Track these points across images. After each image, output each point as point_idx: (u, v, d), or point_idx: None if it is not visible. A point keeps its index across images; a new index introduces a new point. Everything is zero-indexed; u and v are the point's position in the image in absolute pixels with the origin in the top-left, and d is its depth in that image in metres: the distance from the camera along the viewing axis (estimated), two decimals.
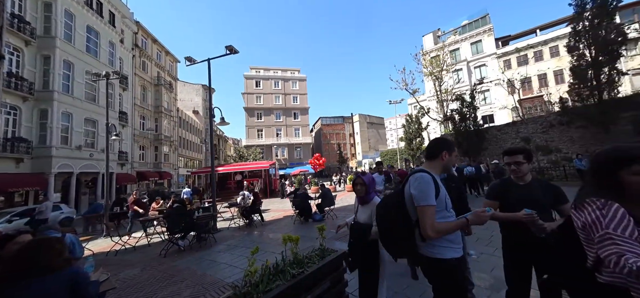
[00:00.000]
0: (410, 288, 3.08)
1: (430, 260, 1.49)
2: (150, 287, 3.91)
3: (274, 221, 8.65)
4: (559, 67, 22.81)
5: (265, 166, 19.42)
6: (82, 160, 15.89)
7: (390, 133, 68.83)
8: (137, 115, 22.86)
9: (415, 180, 1.51)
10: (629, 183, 0.95)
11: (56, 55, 14.48)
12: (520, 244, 1.76)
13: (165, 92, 26.73)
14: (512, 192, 1.81)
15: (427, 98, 27.88)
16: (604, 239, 0.93)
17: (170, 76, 29.68)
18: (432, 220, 1.40)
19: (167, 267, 4.73)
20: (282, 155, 39.88)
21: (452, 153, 1.63)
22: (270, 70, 43.48)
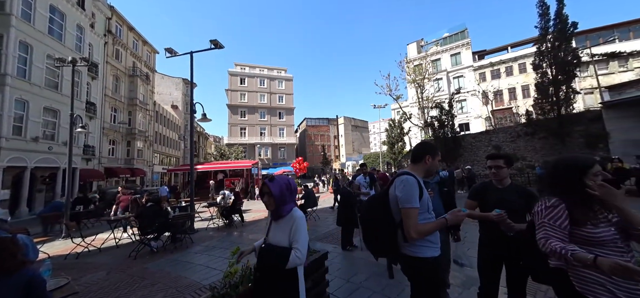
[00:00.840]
0: (388, 288, 3.16)
1: (410, 258, 1.55)
2: (117, 291, 3.61)
3: (255, 221, 8.45)
4: (526, 82, 24.90)
5: (248, 165, 18.93)
6: (38, 153, 14.32)
7: (373, 136, 70.45)
8: (107, 107, 21.15)
9: (400, 183, 1.56)
10: (589, 186, 1.13)
11: (10, 34, 12.96)
12: (493, 241, 1.91)
13: (141, 84, 25.05)
14: (490, 194, 1.97)
15: (409, 104, 28.95)
16: (539, 227, 1.18)
17: (148, 67, 27.90)
18: (415, 221, 1.46)
19: (138, 270, 4.41)
20: (265, 155, 39.15)
21: (436, 158, 1.70)
22: (256, 68, 42.60)
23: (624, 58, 20.31)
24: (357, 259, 4.31)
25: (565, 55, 12.37)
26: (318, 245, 5.34)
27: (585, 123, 12.57)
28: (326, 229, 6.59)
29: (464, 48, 28.67)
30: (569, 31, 12.41)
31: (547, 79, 12.85)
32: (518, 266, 1.83)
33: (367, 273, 3.70)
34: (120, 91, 22.87)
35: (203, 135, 51.29)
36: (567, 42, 12.47)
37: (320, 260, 2.86)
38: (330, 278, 3.46)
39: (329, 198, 13.79)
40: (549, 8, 12.93)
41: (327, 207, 10.29)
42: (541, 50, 13.15)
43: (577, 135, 12.62)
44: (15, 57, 13.18)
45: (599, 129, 12.00)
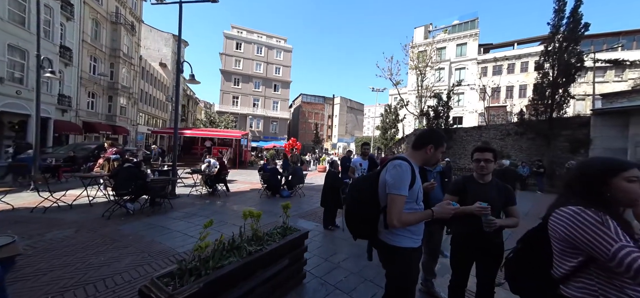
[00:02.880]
0: (366, 269, 3.13)
1: (386, 246, 1.50)
2: (84, 251, 3.41)
3: (240, 193, 8.31)
4: (525, 82, 24.89)
5: (237, 135, 18.45)
6: (4, 96, 13.09)
7: (367, 120, 70.25)
8: (85, 55, 19.42)
9: (392, 167, 1.46)
10: (621, 190, 0.94)
11: None
12: (470, 236, 1.86)
13: (125, 34, 23.02)
14: (471, 188, 1.89)
15: (408, 91, 28.55)
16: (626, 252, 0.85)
17: (133, 15, 25.47)
18: (399, 210, 1.38)
19: (110, 231, 4.21)
20: (256, 127, 38.40)
21: (438, 149, 1.56)
22: (254, 34, 40.13)
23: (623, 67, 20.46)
24: (337, 239, 4.28)
25: (570, 57, 12.18)
26: (301, 222, 5.29)
27: (572, 128, 12.81)
28: (310, 207, 6.55)
29: (471, 39, 27.92)
30: (580, 32, 12.09)
31: (548, 80, 12.75)
32: (490, 261, 1.84)
33: (346, 253, 3.66)
34: (101, 39, 20.92)
35: (193, 99, 49.25)
36: (575, 44, 12.20)
37: (300, 239, 2.74)
38: (310, 257, 3.40)
39: (315, 176, 13.78)
40: (566, 4, 12.40)
41: (315, 185, 10.26)
42: (548, 50, 12.87)
43: (563, 139, 12.91)
44: None
45: (584, 135, 12.27)
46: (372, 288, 2.74)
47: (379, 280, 2.89)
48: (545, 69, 13.07)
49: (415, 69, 21.91)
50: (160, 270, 2.93)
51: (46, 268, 2.93)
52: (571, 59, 12.28)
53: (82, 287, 2.58)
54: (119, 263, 3.12)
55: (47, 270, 2.88)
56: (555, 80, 12.61)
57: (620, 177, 0.94)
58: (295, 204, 6.78)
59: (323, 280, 2.88)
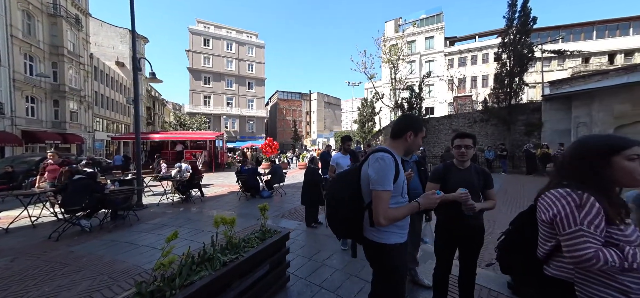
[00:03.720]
0: (350, 265, 3.07)
1: (374, 244, 1.43)
2: (22, 282, 2.88)
3: (217, 197, 7.83)
4: (486, 72, 26.98)
5: (212, 137, 17.44)
6: None
7: (345, 114, 71.29)
8: (18, 53, 16.68)
9: (375, 161, 1.36)
10: (622, 169, 0.91)
11: None
12: (452, 221, 1.88)
13: (68, 29, 20.23)
14: (453, 175, 1.91)
15: (382, 84, 29.33)
16: (572, 236, 0.90)
17: (77, 7, 22.45)
18: (385, 206, 1.30)
19: (59, 255, 3.63)
20: (232, 127, 36.81)
21: (419, 134, 1.49)
22: (223, 29, 38.08)
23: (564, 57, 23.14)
24: (321, 237, 4.18)
25: (523, 48, 13.44)
26: (283, 221, 5.11)
27: (527, 113, 14.23)
28: (292, 206, 6.37)
29: (437, 32, 29.42)
30: (529, 25, 13.37)
31: (505, 70, 13.95)
32: (472, 244, 1.90)
33: (330, 251, 3.58)
34: (37, 34, 18.08)
35: (159, 101, 45.62)
36: (526, 36, 13.48)
37: (281, 241, 2.57)
38: (293, 257, 3.26)
39: (296, 174, 13.60)
40: None
41: (295, 183, 10.08)
42: (505, 42, 14.04)
43: (520, 123, 14.28)
44: None
45: (536, 119, 13.69)
46: (358, 284, 2.68)
47: (364, 274, 2.84)
48: (503, 60, 14.24)
49: (388, 62, 22.54)
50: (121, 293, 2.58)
51: None
52: (524, 50, 13.54)
53: None
54: (68, 292, 2.68)
55: None
56: (512, 69, 13.82)
57: (621, 155, 0.91)
58: (276, 204, 6.56)
59: (308, 281, 2.76)
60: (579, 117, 11.78)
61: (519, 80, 13.88)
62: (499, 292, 2.43)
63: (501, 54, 14.38)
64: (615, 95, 10.65)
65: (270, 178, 7.71)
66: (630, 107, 10.37)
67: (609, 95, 10.80)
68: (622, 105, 10.54)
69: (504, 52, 14.21)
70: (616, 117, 10.69)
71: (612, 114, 10.79)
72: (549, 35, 23.93)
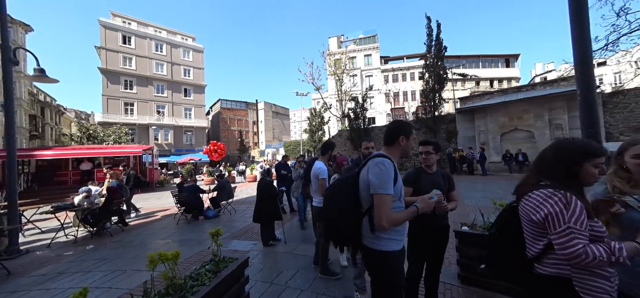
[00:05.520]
0: (317, 282, 2.90)
1: (373, 252, 1.42)
2: None
3: (146, 224, 6.37)
4: (414, 88, 31.81)
5: (137, 151, 14.48)
6: None
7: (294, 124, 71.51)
8: None
9: (375, 166, 1.38)
10: (587, 172, 1.03)
11: None
12: (424, 225, 1.98)
13: None
14: (423, 178, 2.07)
15: (329, 95, 30.80)
16: (563, 234, 0.97)
17: None
18: (388, 210, 1.32)
19: None
20: (164, 140, 31.73)
21: (410, 137, 1.53)
22: (149, 27, 33.00)
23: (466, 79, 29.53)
24: (280, 254, 3.86)
25: (439, 70, 16.55)
26: (234, 243, 4.52)
27: (447, 122, 17.42)
28: (244, 224, 5.75)
29: (374, 51, 33.14)
30: (442, 52, 16.64)
31: (429, 87, 16.83)
32: (440, 243, 2.06)
33: (292, 268, 3.32)
34: None
35: (54, 107, 35.52)
36: (441, 61, 16.68)
37: (238, 270, 2.18)
38: (251, 285, 2.84)
39: (246, 187, 12.59)
40: (433, 31, 16.81)
41: (245, 198, 9.26)
42: (427, 64, 17.01)
43: (443, 131, 17.32)
44: None
45: (453, 127, 16.93)
46: None
47: (332, 290, 2.71)
48: (426, 79, 17.14)
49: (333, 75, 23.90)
50: None
51: None
52: (440, 71, 16.67)
53: None
54: None
55: None
56: (434, 87, 16.75)
57: (590, 162, 1.02)
58: (225, 224, 5.80)
59: None
60: (479, 126, 15.12)
61: (439, 96, 16.91)
62: (452, 284, 2.70)
63: (424, 73, 17.30)
64: (498, 111, 14.21)
65: (216, 195, 6.82)
66: (507, 120, 13.99)
67: (495, 111, 14.33)
68: (503, 117, 14.12)
69: (427, 72, 17.13)
70: (500, 126, 14.21)
71: (498, 124, 14.27)
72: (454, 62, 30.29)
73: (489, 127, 14.56)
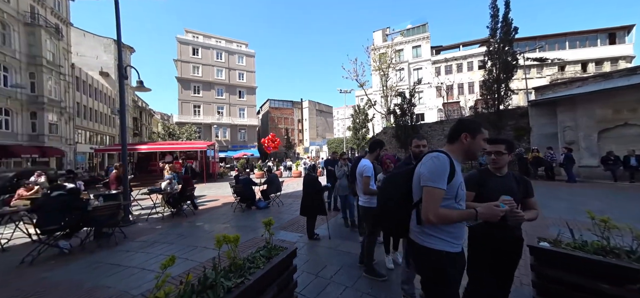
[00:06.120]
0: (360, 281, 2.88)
1: (417, 246, 1.39)
2: None
3: (210, 210, 7.43)
4: (472, 79, 27.99)
5: (203, 147, 16.92)
6: None
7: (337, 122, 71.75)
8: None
9: (428, 159, 1.36)
10: None
11: None
12: (490, 235, 1.70)
13: (48, 39, 19.36)
14: (490, 182, 1.76)
15: (373, 91, 29.81)
16: None
17: (57, 17, 21.63)
18: (436, 204, 1.27)
19: (31, 282, 3.23)
20: (223, 137, 36.07)
21: (477, 136, 1.39)
22: (212, 38, 37.81)
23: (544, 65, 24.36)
24: (325, 249, 3.96)
25: (507, 56, 14.00)
26: (282, 234, 4.85)
27: (515, 118, 14.71)
28: (291, 216, 6.12)
29: (424, 41, 30.43)
30: (511, 35, 14.00)
31: (492, 77, 14.43)
32: (510, 257, 1.74)
33: (336, 264, 3.37)
34: (13, 44, 17.15)
35: (147, 111, 44.27)
36: (509, 45, 14.08)
37: (288, 259, 2.35)
38: (298, 275, 3.02)
39: (292, 182, 13.32)
40: (498, 10, 14.27)
41: (291, 192, 9.81)
42: (490, 51, 14.59)
43: (509, 128, 14.73)
44: None
45: (525, 123, 14.17)
46: None
47: (376, 292, 2.66)
48: (489, 67, 14.76)
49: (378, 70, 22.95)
50: None
51: None
52: (508, 58, 14.12)
53: None
54: None
55: None
56: (498, 76, 14.32)
57: None
58: (274, 215, 6.28)
59: None
60: (564, 122, 12.24)
61: (505, 87, 14.40)
62: None
63: (487, 61, 14.92)
64: (595, 101, 11.16)
65: (266, 188, 7.43)
66: (611, 112, 10.87)
67: (590, 101, 11.29)
68: (602, 109, 11.04)
69: (490, 59, 14.75)
70: (598, 121, 11.17)
71: (594, 119, 11.27)
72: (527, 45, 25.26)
73: (580, 122, 11.61)
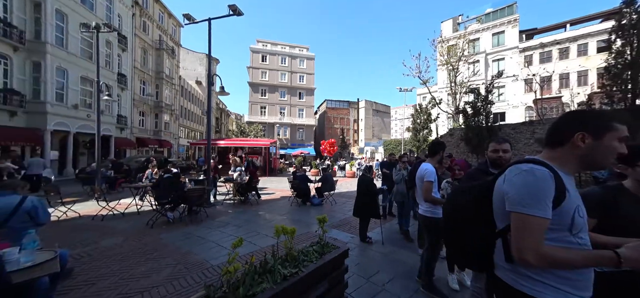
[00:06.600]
0: (417, 295, 2.66)
1: (511, 290, 0.97)
2: (129, 260, 3.55)
3: (270, 201, 8.30)
4: (584, 67, 21.37)
5: (266, 144, 18.98)
6: (79, 120, 15.52)
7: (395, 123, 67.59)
8: (137, 79, 22.13)
9: (517, 174, 0.94)
10: None
11: (47, 2, 13.56)
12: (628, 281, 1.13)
13: (167, 58, 25.72)
14: (624, 206, 1.21)
15: (438, 89, 26.70)
16: None
17: (173, 41, 28.43)
18: (535, 239, 0.87)
19: (151, 240, 4.38)
20: (284, 135, 39.37)
21: (606, 136, 0.91)
22: (278, 45, 41.74)
23: None
24: (377, 254, 3.84)
25: None
26: (334, 232, 4.96)
27: None
28: (343, 216, 6.18)
29: (509, 26, 25.14)
30: None
31: (624, 61, 10.51)
32: None
33: (390, 272, 3.22)
34: (148, 64, 23.68)
35: (225, 112, 52.71)
36: None
37: (340, 258, 2.41)
38: (348, 275, 3.04)
39: (346, 182, 13.39)
40: None
41: (345, 192, 9.87)
42: (621, 25, 10.68)
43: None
44: (52, 25, 13.89)
45: None
46: None
47: None
48: (618, 48, 10.84)
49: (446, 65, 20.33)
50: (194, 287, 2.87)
51: (95, 277, 3.07)
52: None
53: None
54: (157, 275, 3.14)
55: (96, 280, 3.00)
56: (636, 59, 10.35)
57: None
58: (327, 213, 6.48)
59: None
60: None
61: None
62: None
63: (614, 40, 11.01)
64: None
65: (320, 185, 7.74)
66: None
67: None
68: None
69: (621, 37, 10.82)
70: None
71: None
72: None
73: None
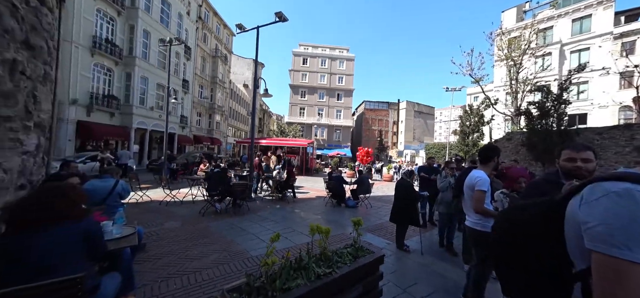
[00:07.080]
0: None
1: None
2: (185, 242, 4.09)
3: (306, 200, 8.51)
4: None
5: (304, 144, 19.56)
6: (153, 119, 18.62)
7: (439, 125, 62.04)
8: (196, 84, 25.40)
9: (603, 195, 0.63)
10: None
11: (138, 24, 16.64)
12: None
13: (220, 64, 28.85)
14: None
15: (494, 88, 23.53)
16: None
17: (226, 49, 31.72)
18: None
19: (202, 227, 4.95)
20: (321, 136, 39.97)
21: None
22: (319, 48, 42.64)
23: None
24: (415, 264, 3.58)
25: None
26: (368, 236, 4.81)
27: None
28: (379, 220, 5.96)
29: (600, 7, 20.55)
30: None
31: None
32: None
33: (429, 286, 2.97)
34: (206, 71, 27.00)
35: (267, 112, 56.31)
36: None
37: (375, 263, 2.33)
38: (384, 283, 2.92)
39: (382, 186, 12.87)
40: None
41: (381, 195, 9.49)
42: None
43: None
44: (140, 42, 16.99)
45: None
46: None
47: None
48: None
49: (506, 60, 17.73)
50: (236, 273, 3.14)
51: (161, 253, 3.62)
52: None
53: (180, 277, 3.00)
54: (206, 258, 3.54)
55: (161, 255, 3.55)
56: None
57: None
58: (362, 216, 6.32)
59: None
60: None
61: None
62: None
63: None
64: None
65: (356, 187, 7.61)
66: None
67: None
68: None
69: None
70: None
71: None
72: None
73: None
